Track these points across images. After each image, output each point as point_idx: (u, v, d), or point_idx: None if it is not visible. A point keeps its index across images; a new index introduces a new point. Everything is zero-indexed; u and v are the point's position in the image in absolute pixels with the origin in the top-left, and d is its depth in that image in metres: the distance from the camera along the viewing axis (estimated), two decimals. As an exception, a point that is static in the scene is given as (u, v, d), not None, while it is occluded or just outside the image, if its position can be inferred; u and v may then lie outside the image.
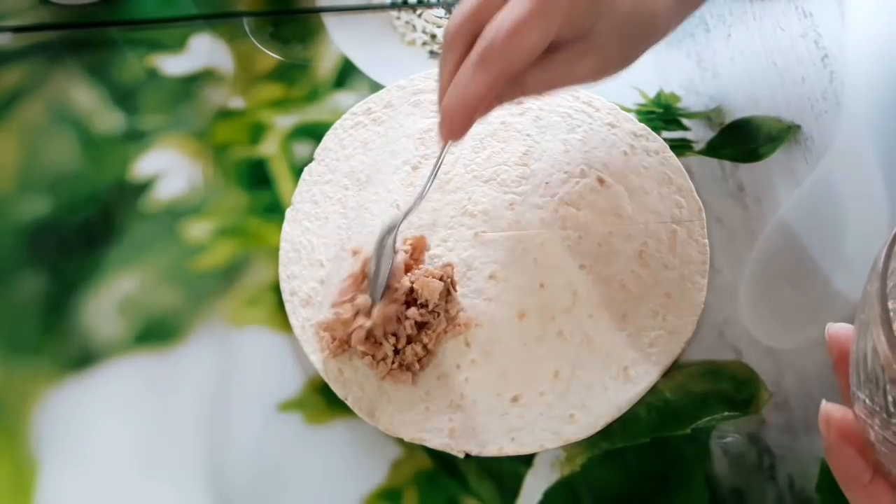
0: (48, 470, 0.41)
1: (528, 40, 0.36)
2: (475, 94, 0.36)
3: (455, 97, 0.37)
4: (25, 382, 0.44)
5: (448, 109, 0.37)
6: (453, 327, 0.43)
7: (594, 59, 0.39)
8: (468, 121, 0.38)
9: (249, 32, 0.55)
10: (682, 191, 0.48)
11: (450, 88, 0.37)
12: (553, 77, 0.39)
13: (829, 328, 0.32)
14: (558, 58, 0.38)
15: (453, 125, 0.38)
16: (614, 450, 0.42)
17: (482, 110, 0.38)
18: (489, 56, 0.36)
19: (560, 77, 0.39)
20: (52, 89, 0.53)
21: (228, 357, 0.44)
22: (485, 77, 0.36)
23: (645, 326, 0.44)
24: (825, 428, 0.30)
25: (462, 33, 0.37)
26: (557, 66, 0.38)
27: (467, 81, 0.36)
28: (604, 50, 0.39)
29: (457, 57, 0.37)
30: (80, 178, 0.50)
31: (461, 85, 0.37)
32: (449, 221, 0.47)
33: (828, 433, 0.30)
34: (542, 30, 0.36)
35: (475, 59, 0.36)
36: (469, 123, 0.38)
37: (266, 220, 0.48)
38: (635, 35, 0.40)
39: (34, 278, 0.47)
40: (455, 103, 0.37)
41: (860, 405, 0.28)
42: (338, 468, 0.42)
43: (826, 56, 0.54)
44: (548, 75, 0.38)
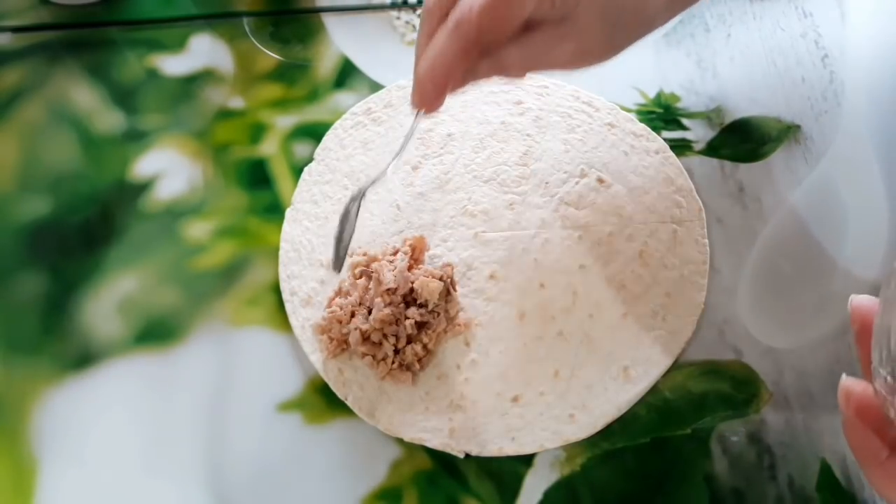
0: (48, 469, 0.41)
1: (503, 11, 0.35)
2: (447, 61, 0.36)
3: (427, 63, 0.37)
4: (25, 382, 0.44)
5: (420, 76, 0.37)
6: (453, 327, 0.43)
7: (575, 42, 0.38)
8: (440, 89, 0.37)
9: (249, 32, 0.55)
10: (682, 191, 0.48)
11: (423, 55, 0.37)
12: (531, 57, 0.38)
13: (853, 299, 0.32)
14: (537, 37, 0.37)
15: (425, 92, 0.38)
16: (614, 450, 0.42)
17: (455, 81, 0.38)
18: (462, 24, 0.35)
19: (538, 57, 0.38)
20: (52, 89, 0.53)
21: (228, 357, 0.44)
22: (456, 44, 0.36)
23: (645, 326, 0.44)
24: (844, 403, 0.30)
25: (439, 4, 0.37)
26: (536, 46, 0.37)
27: (440, 48, 0.36)
28: (585, 34, 0.38)
29: (433, 26, 0.37)
30: (80, 178, 0.50)
31: (433, 51, 0.36)
32: (449, 221, 0.47)
33: (847, 408, 0.30)
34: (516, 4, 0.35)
35: (449, 27, 0.36)
36: (441, 92, 0.37)
37: (266, 220, 0.48)
38: (621, 23, 0.39)
39: (34, 278, 0.47)
40: (427, 70, 0.37)
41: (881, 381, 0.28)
42: (338, 468, 0.42)
43: (826, 56, 0.54)
44: (525, 54, 0.38)
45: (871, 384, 0.29)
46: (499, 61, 0.38)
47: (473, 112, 0.51)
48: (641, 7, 0.39)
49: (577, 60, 0.39)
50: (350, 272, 0.45)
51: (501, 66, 0.38)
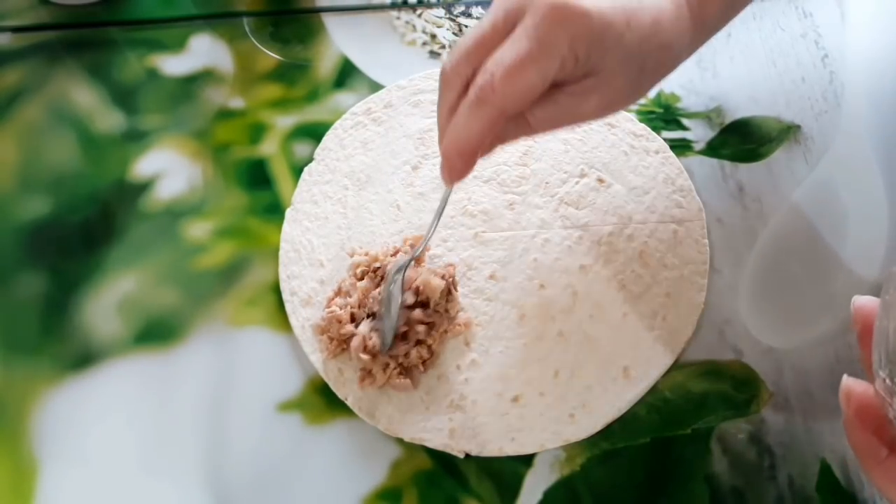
0: (48, 470, 0.41)
1: (526, 82, 0.34)
2: (473, 136, 0.35)
3: (453, 140, 0.36)
4: (25, 382, 0.44)
5: (447, 152, 0.36)
6: (453, 327, 0.43)
7: (600, 95, 0.37)
8: (468, 163, 0.36)
9: (249, 32, 0.55)
10: (683, 191, 0.48)
11: (448, 131, 0.36)
12: (557, 115, 0.37)
13: (855, 300, 0.32)
14: (562, 96, 0.36)
15: (454, 167, 0.37)
16: (614, 450, 0.42)
17: (483, 150, 0.37)
18: (486, 97, 0.34)
19: (565, 115, 0.37)
20: (52, 89, 0.53)
21: (228, 357, 0.44)
22: (482, 119, 0.35)
23: (645, 326, 0.44)
24: (845, 403, 0.30)
25: (458, 72, 0.36)
26: (561, 104, 0.36)
27: (465, 123, 0.35)
28: (611, 86, 0.36)
29: (454, 97, 0.36)
30: (80, 178, 0.50)
31: (459, 127, 0.35)
32: (449, 221, 0.47)
33: (847, 408, 0.30)
34: (540, 71, 0.34)
35: (472, 100, 0.35)
36: (470, 165, 0.37)
37: (266, 220, 0.48)
38: (645, 69, 0.37)
39: (34, 278, 0.47)
40: (454, 146, 0.36)
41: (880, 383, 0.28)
42: (338, 468, 0.42)
43: (826, 56, 0.54)
44: (551, 114, 0.37)
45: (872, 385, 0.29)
46: (525, 124, 0.37)
47: (473, 112, 0.51)
48: (664, 49, 0.38)
49: (604, 110, 0.38)
50: (351, 272, 0.45)
51: (529, 128, 0.37)
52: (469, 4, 0.56)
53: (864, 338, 0.30)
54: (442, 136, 0.37)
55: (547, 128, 0.38)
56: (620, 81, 0.37)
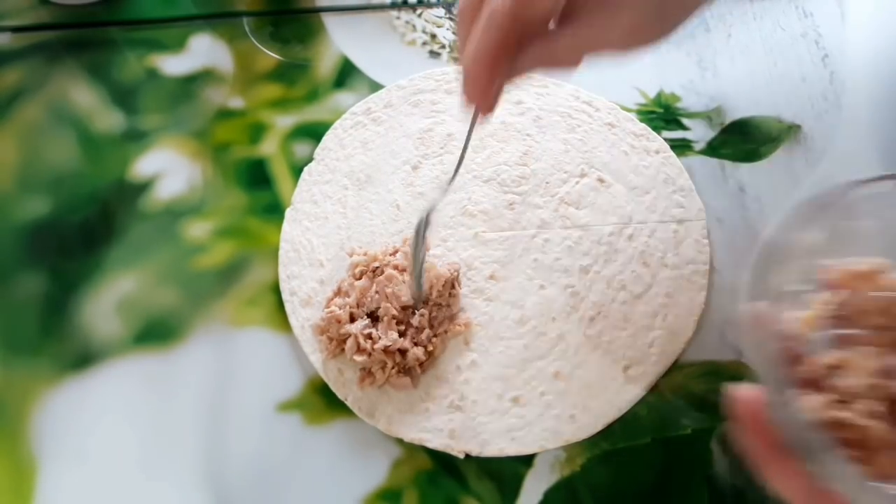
0: (48, 470, 0.41)
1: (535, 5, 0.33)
2: (486, 50, 0.34)
3: (470, 53, 0.35)
4: (25, 382, 0.44)
5: (466, 69, 0.35)
6: (453, 327, 0.43)
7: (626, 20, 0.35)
8: (488, 80, 0.35)
9: (249, 32, 0.55)
10: (683, 190, 0.48)
11: (465, 47, 0.35)
12: (582, 40, 0.36)
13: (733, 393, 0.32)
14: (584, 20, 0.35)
15: (474, 84, 0.35)
16: (614, 450, 0.42)
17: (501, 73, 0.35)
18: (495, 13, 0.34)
19: (592, 41, 0.36)
20: (51, 89, 0.53)
21: (228, 357, 0.44)
22: (493, 34, 0.34)
23: (645, 326, 0.44)
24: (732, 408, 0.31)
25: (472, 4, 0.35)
26: (585, 28, 0.35)
27: (477, 39, 0.34)
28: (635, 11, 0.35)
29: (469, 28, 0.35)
30: (79, 178, 0.50)
31: (472, 44, 0.35)
32: (449, 221, 0.47)
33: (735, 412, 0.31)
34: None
35: (481, 24, 0.34)
36: (490, 83, 0.35)
37: (266, 220, 0.48)
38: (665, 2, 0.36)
39: (34, 278, 0.47)
40: (469, 63, 0.35)
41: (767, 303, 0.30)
42: (338, 468, 0.42)
43: (826, 56, 0.54)
44: (576, 38, 0.35)
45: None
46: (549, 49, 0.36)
47: (473, 112, 0.51)
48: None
49: (631, 40, 0.37)
50: (350, 272, 0.45)
51: (552, 54, 0.36)
52: (469, 4, 0.56)
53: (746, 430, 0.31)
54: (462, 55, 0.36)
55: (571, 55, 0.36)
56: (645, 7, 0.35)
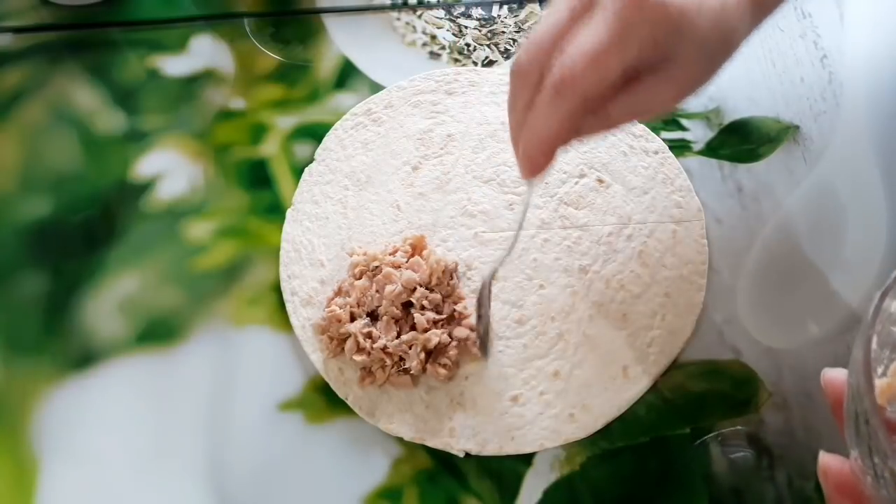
0: (49, 469, 0.42)
1: (607, 70, 0.34)
2: (553, 129, 0.35)
3: (533, 135, 0.35)
4: (27, 382, 0.44)
5: (528, 149, 0.36)
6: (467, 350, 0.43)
7: (679, 83, 0.36)
8: (549, 157, 0.36)
9: (250, 33, 0.56)
10: (682, 191, 0.48)
11: (526, 125, 0.36)
12: (637, 105, 0.36)
13: (824, 375, 0.31)
14: (641, 86, 0.36)
15: (535, 164, 0.36)
16: (614, 449, 0.42)
17: (562, 144, 0.36)
18: (565, 87, 0.34)
19: (644, 104, 0.37)
20: (53, 90, 0.53)
21: (229, 357, 0.44)
22: (562, 109, 0.34)
23: (644, 326, 0.44)
24: (823, 480, 0.30)
25: (535, 64, 0.35)
26: (641, 94, 0.36)
27: (545, 115, 0.35)
28: (686, 73, 0.36)
29: (530, 90, 0.35)
30: (81, 179, 0.50)
31: (539, 120, 0.35)
32: (449, 221, 0.47)
33: (826, 485, 0.30)
34: (620, 57, 0.34)
35: (550, 92, 0.34)
36: (550, 158, 0.36)
37: (267, 221, 0.49)
38: (715, 53, 0.37)
39: (35, 278, 0.47)
40: (534, 142, 0.35)
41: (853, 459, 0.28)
42: (338, 468, 0.42)
43: (825, 57, 0.54)
44: (631, 105, 0.36)
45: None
46: (605, 116, 0.36)
47: (473, 113, 0.51)
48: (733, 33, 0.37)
49: (681, 97, 0.38)
50: (350, 272, 0.45)
51: (608, 121, 0.37)
52: (469, 5, 0.57)
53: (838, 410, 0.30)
54: (517, 132, 0.36)
55: (626, 119, 0.38)
56: (695, 67, 0.36)
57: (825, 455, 0.30)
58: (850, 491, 0.29)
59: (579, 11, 0.35)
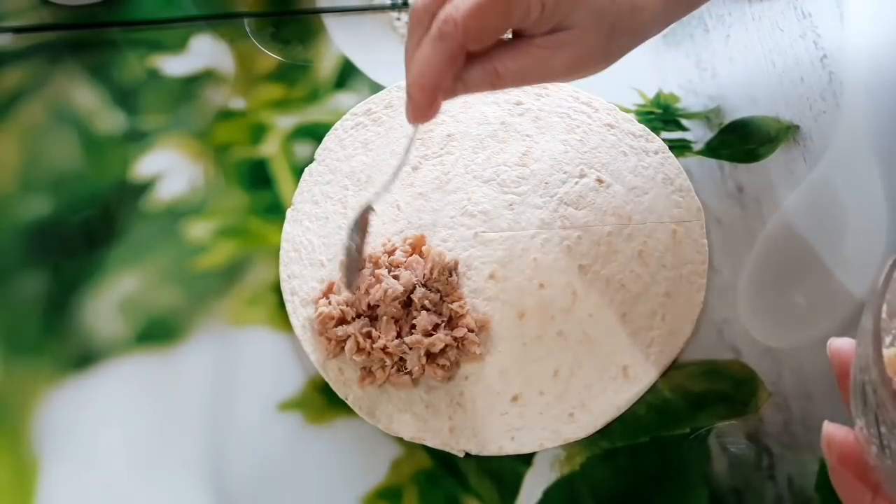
0: (49, 469, 0.42)
1: (489, 20, 0.34)
2: (434, 69, 0.35)
3: (415, 73, 0.36)
4: (26, 382, 0.44)
5: (409, 86, 0.37)
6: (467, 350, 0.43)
7: (571, 51, 0.37)
8: (431, 98, 0.36)
9: (250, 33, 0.56)
10: (682, 191, 0.48)
11: (410, 65, 0.36)
12: (526, 68, 0.37)
13: (831, 344, 0.31)
14: (532, 48, 0.36)
15: (417, 103, 0.37)
16: (614, 449, 0.42)
17: (446, 90, 0.37)
18: (447, 31, 0.35)
19: (534, 68, 0.37)
20: (52, 90, 0.53)
21: (229, 357, 0.44)
22: (442, 52, 0.35)
23: (644, 326, 0.44)
24: (827, 450, 0.30)
25: (428, 9, 0.36)
26: (531, 56, 0.36)
27: (426, 56, 0.35)
28: (581, 43, 0.37)
29: (421, 32, 0.36)
30: (81, 179, 0.50)
31: (420, 60, 0.36)
32: (449, 221, 0.47)
33: (829, 455, 0.30)
34: (504, 12, 0.34)
35: (434, 33, 0.35)
36: (432, 101, 0.37)
37: (267, 221, 0.49)
38: (616, 30, 0.38)
39: (35, 278, 0.47)
40: (414, 78, 0.36)
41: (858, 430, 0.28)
42: (338, 468, 0.42)
43: (825, 56, 0.54)
44: (521, 65, 0.37)
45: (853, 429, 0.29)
46: (493, 71, 0.37)
47: (473, 113, 0.51)
48: (637, 10, 0.38)
49: (574, 70, 0.38)
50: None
51: (495, 76, 0.37)
52: (469, 5, 0.57)
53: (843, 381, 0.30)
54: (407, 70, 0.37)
55: (516, 81, 0.38)
56: (591, 39, 0.37)
57: (830, 424, 0.30)
58: (854, 461, 0.29)
59: None
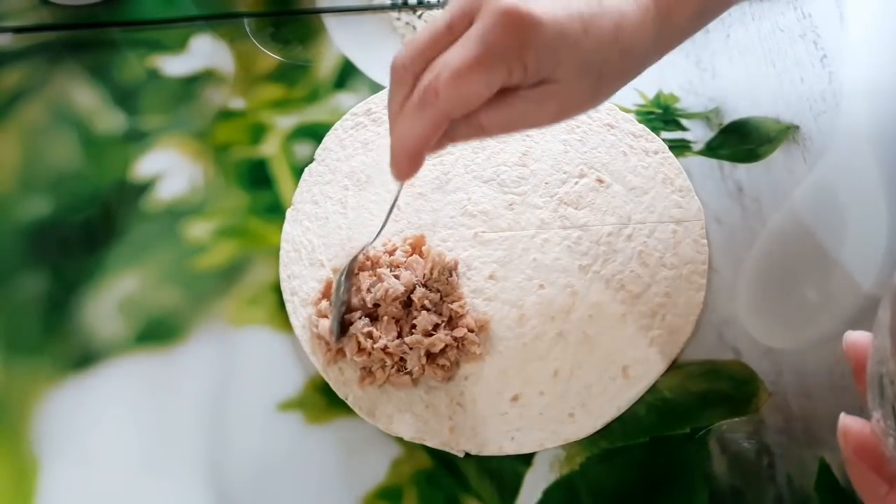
0: (49, 469, 0.42)
1: (471, 87, 0.33)
2: (417, 137, 0.35)
3: (399, 138, 0.35)
4: (26, 382, 0.44)
5: (394, 150, 0.36)
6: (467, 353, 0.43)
7: (557, 102, 0.36)
8: (414, 160, 0.36)
9: (250, 33, 0.56)
10: (682, 191, 0.48)
11: (394, 129, 0.36)
12: (511, 119, 0.36)
13: (847, 337, 0.31)
14: (517, 100, 0.35)
15: (400, 165, 0.36)
16: (614, 449, 0.42)
17: (431, 149, 0.36)
18: (429, 100, 0.34)
19: (519, 119, 0.36)
20: (53, 90, 0.53)
21: (229, 357, 0.44)
22: (425, 120, 0.34)
23: (644, 326, 0.44)
24: (843, 441, 0.30)
25: (408, 69, 0.35)
26: (515, 109, 0.35)
27: (409, 124, 0.35)
28: (567, 93, 0.36)
29: (404, 93, 0.35)
30: (81, 179, 0.50)
31: (404, 127, 0.35)
32: (449, 221, 0.47)
33: (845, 447, 0.30)
34: (485, 78, 0.33)
35: (415, 102, 0.34)
36: (416, 163, 0.36)
37: (267, 221, 0.49)
38: (605, 75, 0.36)
39: (35, 278, 0.47)
40: (400, 145, 0.36)
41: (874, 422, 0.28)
42: (338, 468, 0.42)
43: (825, 57, 0.54)
44: (505, 118, 0.36)
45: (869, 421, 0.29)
46: (478, 125, 0.36)
47: (473, 112, 0.51)
48: (628, 55, 0.36)
49: (559, 117, 0.37)
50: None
51: (480, 129, 0.36)
52: (469, 5, 0.57)
53: (859, 373, 0.30)
54: (391, 130, 0.36)
55: (500, 131, 0.37)
56: (577, 89, 0.36)
57: (846, 417, 0.30)
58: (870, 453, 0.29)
59: (458, 23, 0.34)
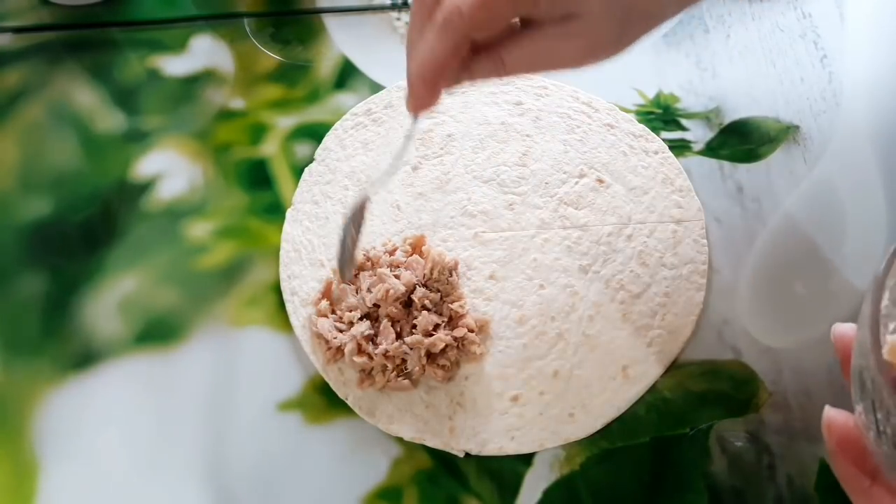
0: (49, 470, 0.42)
1: (495, 12, 0.33)
2: (436, 59, 0.34)
3: (416, 62, 0.35)
4: (26, 382, 0.44)
5: (411, 76, 0.35)
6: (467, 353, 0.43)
7: (582, 40, 0.35)
8: (431, 88, 0.35)
9: (250, 33, 0.56)
10: (682, 191, 0.48)
11: (413, 53, 0.35)
12: (534, 57, 0.35)
13: (835, 329, 0.31)
14: (540, 36, 0.34)
15: (416, 94, 0.36)
16: (614, 449, 0.42)
17: (448, 79, 0.35)
18: (451, 21, 0.33)
19: (543, 58, 0.35)
20: (53, 90, 0.53)
21: (229, 357, 0.44)
22: (446, 42, 0.33)
23: (644, 326, 0.44)
24: (827, 434, 0.30)
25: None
26: (539, 45, 0.35)
27: (429, 45, 0.34)
28: (593, 31, 0.35)
29: (423, 22, 0.35)
30: (81, 179, 0.50)
31: (423, 49, 0.34)
32: (449, 221, 0.47)
33: (829, 439, 0.30)
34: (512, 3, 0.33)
35: (438, 21, 0.33)
36: (433, 91, 0.35)
37: (267, 221, 0.49)
38: (632, 15, 0.35)
39: (35, 278, 0.47)
40: (417, 69, 0.35)
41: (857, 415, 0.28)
42: (338, 468, 0.42)
43: (825, 57, 0.54)
44: (528, 54, 0.35)
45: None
46: (499, 61, 0.35)
47: (473, 113, 0.51)
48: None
49: (584, 59, 0.36)
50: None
51: (502, 66, 0.36)
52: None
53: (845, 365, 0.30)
54: (408, 58, 0.36)
55: (522, 69, 0.36)
56: (604, 27, 0.35)
57: (830, 409, 0.30)
58: (853, 446, 0.30)
59: None
